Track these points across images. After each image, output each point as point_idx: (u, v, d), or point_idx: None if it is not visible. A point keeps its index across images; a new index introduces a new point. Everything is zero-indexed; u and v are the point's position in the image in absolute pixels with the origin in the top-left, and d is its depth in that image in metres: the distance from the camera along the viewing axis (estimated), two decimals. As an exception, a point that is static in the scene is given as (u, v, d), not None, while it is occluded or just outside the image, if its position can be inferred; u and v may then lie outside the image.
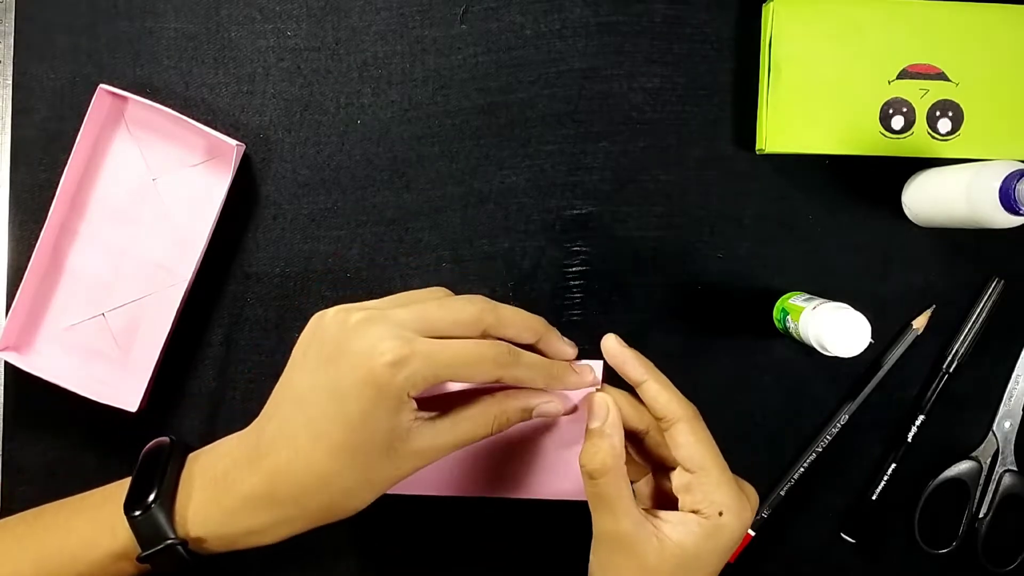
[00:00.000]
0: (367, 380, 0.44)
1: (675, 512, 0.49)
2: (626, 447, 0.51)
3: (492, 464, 0.57)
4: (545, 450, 0.57)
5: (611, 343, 0.54)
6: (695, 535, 0.47)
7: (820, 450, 0.62)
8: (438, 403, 0.50)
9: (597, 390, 0.54)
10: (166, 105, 0.59)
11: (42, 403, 0.60)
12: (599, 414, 0.51)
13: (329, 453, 0.45)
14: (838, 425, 0.62)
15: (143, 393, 0.58)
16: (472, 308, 0.49)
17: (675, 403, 0.51)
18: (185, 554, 0.48)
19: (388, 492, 0.48)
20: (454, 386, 0.54)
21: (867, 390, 0.62)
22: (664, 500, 0.52)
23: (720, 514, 0.48)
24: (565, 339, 0.54)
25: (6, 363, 0.61)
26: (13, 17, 0.61)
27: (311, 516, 0.48)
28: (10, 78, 0.61)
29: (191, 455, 0.51)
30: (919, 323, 0.62)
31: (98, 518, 0.50)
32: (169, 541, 0.47)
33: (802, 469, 0.63)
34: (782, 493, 0.63)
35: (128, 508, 0.48)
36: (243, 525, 0.47)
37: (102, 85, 0.58)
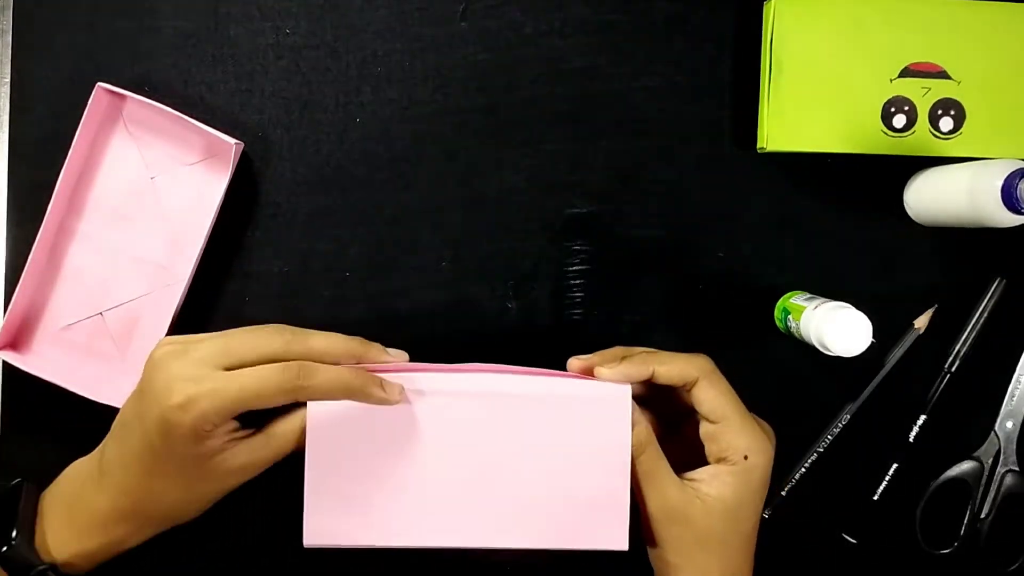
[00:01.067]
0: (161, 419, 0.47)
1: (706, 468, 0.52)
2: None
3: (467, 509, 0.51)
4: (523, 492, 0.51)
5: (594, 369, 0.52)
6: (730, 485, 0.51)
7: (821, 450, 0.62)
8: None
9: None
10: (165, 103, 0.59)
11: (40, 404, 0.60)
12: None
13: (149, 475, 0.49)
14: (839, 425, 0.62)
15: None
16: (278, 337, 0.49)
17: (688, 368, 0.52)
18: None
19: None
20: None
21: (868, 390, 0.62)
22: (689, 452, 0.54)
23: (745, 457, 0.50)
24: (391, 350, 0.53)
25: (4, 363, 0.61)
26: (11, 15, 0.61)
27: (157, 524, 0.52)
28: (7, 76, 0.61)
29: (44, 492, 0.53)
30: (920, 323, 0.62)
31: None
32: (39, 567, 0.49)
33: (803, 469, 0.62)
34: (783, 493, 0.62)
35: None
36: (99, 540, 0.50)
37: (100, 83, 0.58)
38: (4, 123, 0.61)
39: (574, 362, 0.53)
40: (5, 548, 0.49)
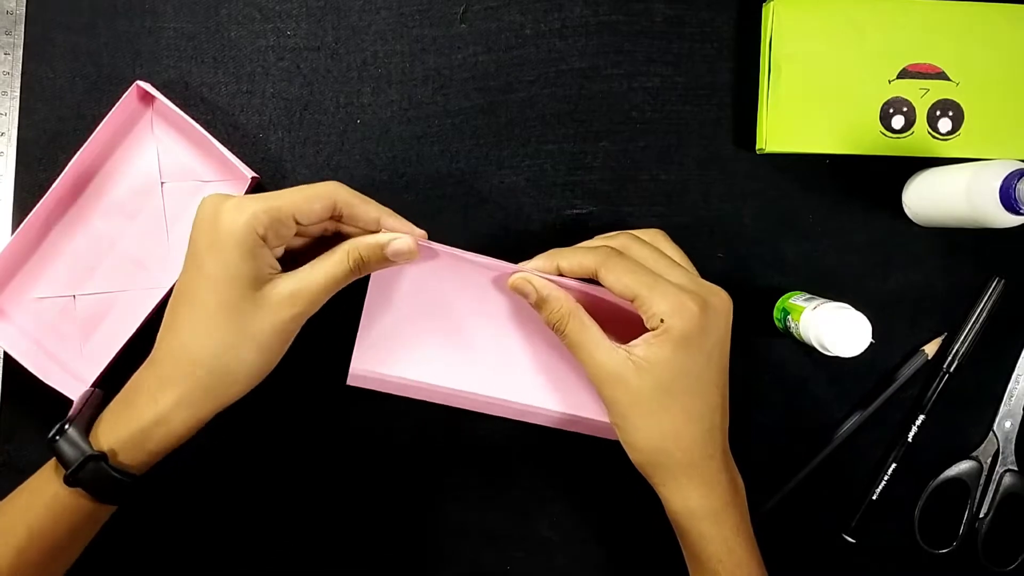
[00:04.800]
0: (215, 230, 0.48)
1: (641, 336, 0.52)
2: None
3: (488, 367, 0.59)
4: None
5: (516, 283, 0.55)
6: (655, 346, 0.51)
7: (820, 460, 0.63)
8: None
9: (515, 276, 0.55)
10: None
11: (41, 404, 0.60)
12: (527, 290, 0.54)
13: (203, 316, 0.49)
14: (840, 439, 0.63)
15: (89, 386, 0.58)
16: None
17: (587, 259, 0.53)
18: (111, 469, 0.49)
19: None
20: None
21: (872, 407, 0.63)
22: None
23: (661, 321, 0.51)
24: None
25: (5, 360, 0.61)
26: (23, 28, 0.61)
27: (207, 388, 0.50)
28: (18, 90, 0.61)
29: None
30: (930, 349, 0.62)
31: (38, 474, 0.52)
32: (88, 454, 0.49)
33: (803, 475, 0.63)
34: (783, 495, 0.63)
35: (49, 439, 0.51)
36: (147, 415, 0.50)
37: (138, 82, 0.58)
38: (13, 121, 0.61)
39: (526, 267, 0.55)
40: (57, 437, 0.50)
